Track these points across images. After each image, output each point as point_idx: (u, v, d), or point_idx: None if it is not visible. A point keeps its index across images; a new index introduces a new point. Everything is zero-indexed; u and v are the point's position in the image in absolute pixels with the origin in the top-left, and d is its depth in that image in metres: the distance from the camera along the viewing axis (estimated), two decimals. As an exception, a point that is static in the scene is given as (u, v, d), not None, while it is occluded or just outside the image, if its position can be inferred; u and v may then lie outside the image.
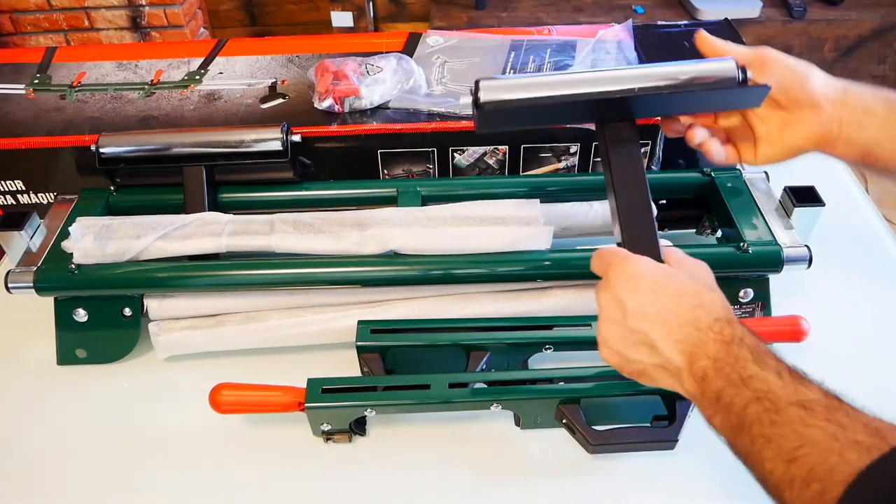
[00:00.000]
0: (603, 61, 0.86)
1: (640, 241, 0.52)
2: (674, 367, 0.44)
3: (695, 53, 0.95)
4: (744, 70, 0.53)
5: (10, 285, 0.65)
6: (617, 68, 0.67)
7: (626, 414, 0.62)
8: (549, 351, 0.64)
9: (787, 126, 0.52)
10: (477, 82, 0.55)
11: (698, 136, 0.56)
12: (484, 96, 0.54)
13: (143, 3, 1.93)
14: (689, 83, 0.53)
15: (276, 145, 0.72)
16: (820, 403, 0.38)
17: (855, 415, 0.37)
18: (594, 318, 0.64)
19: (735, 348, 0.42)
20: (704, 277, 0.48)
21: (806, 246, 0.66)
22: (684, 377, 0.44)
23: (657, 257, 0.51)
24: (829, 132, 0.51)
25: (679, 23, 0.95)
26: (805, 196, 0.69)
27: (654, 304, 0.45)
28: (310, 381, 0.59)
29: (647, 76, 0.54)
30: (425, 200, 0.74)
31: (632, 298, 0.46)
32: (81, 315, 0.68)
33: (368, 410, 0.59)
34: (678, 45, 0.90)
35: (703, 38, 0.55)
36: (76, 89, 0.85)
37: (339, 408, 0.59)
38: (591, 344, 0.64)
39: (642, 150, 0.77)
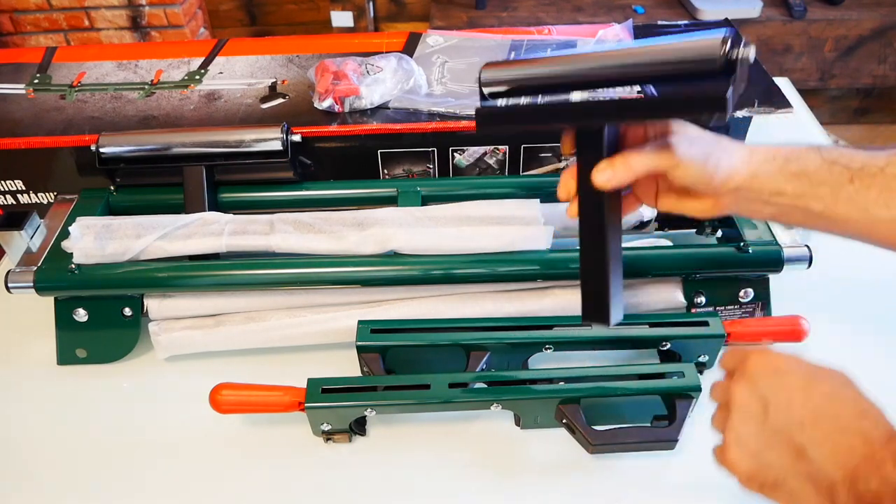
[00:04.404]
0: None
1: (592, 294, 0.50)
2: (826, 480, 0.37)
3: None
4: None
5: (10, 285, 0.65)
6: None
7: (627, 414, 0.62)
8: (549, 351, 0.64)
9: (687, 198, 0.53)
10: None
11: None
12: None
13: (143, 3, 1.93)
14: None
15: (276, 145, 0.72)
16: None
17: None
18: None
19: None
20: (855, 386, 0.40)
21: (806, 246, 0.66)
22: (841, 495, 0.36)
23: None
24: (725, 210, 0.52)
25: (679, 23, 0.95)
26: (805, 196, 0.68)
27: (804, 404, 0.39)
28: (310, 381, 0.59)
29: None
30: (425, 200, 0.74)
31: (777, 394, 0.40)
32: (81, 315, 0.68)
33: (368, 410, 0.59)
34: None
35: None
36: (76, 89, 0.85)
37: (339, 408, 0.59)
38: (591, 344, 0.64)
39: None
